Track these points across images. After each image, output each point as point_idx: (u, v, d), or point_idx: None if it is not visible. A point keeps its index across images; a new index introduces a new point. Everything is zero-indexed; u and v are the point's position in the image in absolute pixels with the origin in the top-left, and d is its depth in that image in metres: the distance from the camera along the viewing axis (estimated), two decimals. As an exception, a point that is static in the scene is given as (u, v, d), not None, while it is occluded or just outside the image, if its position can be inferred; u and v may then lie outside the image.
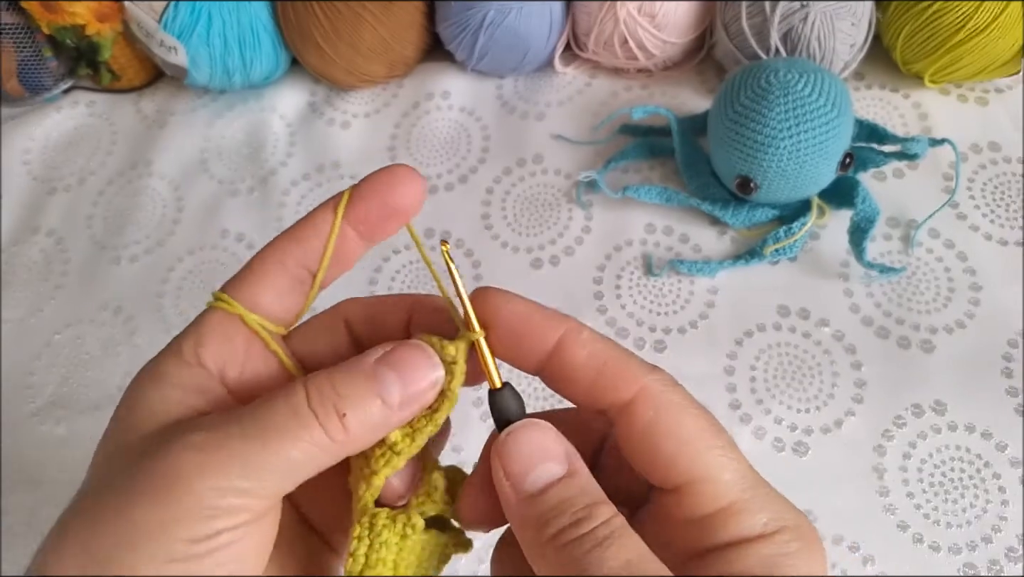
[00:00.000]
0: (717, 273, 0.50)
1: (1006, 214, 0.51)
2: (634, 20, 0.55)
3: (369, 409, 0.19)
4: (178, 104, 0.64)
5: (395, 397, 0.20)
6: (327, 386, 0.19)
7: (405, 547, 0.21)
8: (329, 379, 0.20)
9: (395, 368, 0.20)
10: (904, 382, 0.46)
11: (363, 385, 0.20)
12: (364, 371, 0.20)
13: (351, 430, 0.19)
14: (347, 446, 0.20)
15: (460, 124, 0.60)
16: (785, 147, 0.46)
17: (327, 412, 0.19)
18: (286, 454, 0.19)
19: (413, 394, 0.20)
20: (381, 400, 0.20)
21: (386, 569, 0.20)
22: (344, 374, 0.20)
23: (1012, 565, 0.41)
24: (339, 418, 0.19)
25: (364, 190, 0.22)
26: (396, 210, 0.22)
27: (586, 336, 0.21)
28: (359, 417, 0.19)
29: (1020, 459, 0.43)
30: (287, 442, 0.19)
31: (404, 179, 0.22)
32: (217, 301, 0.21)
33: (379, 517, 0.21)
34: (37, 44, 0.61)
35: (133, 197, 0.59)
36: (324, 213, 0.22)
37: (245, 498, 0.18)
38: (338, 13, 0.56)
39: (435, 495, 0.22)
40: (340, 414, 0.19)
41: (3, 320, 0.54)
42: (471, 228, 0.54)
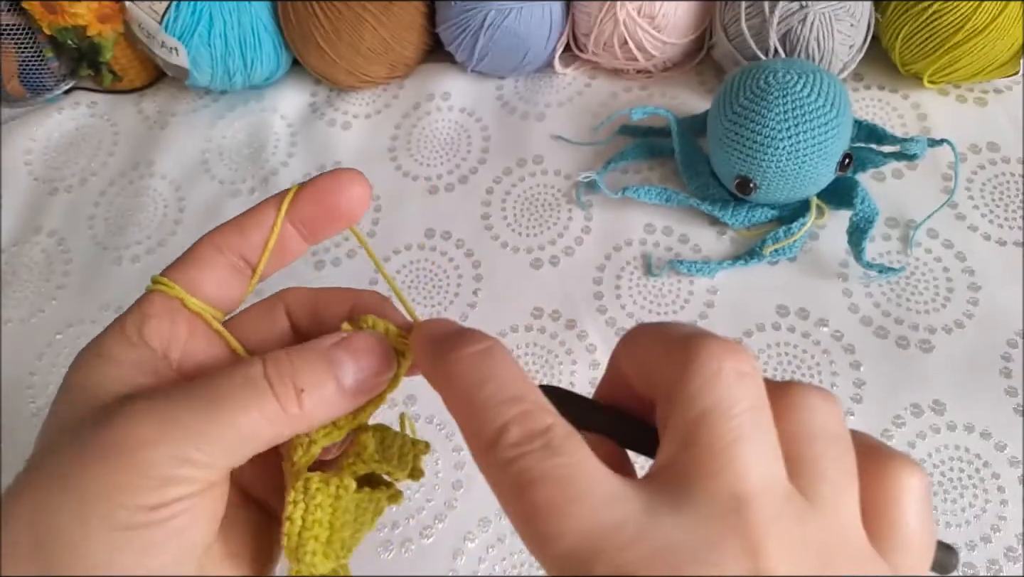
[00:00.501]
0: (716, 273, 0.50)
1: (1005, 214, 0.51)
2: (634, 21, 0.55)
3: (325, 389, 0.20)
4: (179, 105, 0.64)
5: (349, 381, 0.20)
6: (285, 361, 0.20)
7: (339, 507, 0.21)
8: (287, 355, 0.20)
9: (351, 354, 0.20)
10: (903, 382, 0.46)
11: (320, 365, 0.20)
12: (321, 352, 0.20)
13: (306, 406, 0.19)
14: (300, 422, 0.20)
15: (460, 125, 0.60)
16: (784, 147, 0.46)
17: (284, 385, 0.19)
18: (239, 424, 0.19)
19: (367, 381, 0.21)
20: (336, 382, 0.20)
21: (322, 529, 0.21)
22: (301, 352, 0.20)
23: (1011, 565, 0.41)
24: (296, 392, 0.19)
25: (308, 192, 0.22)
26: (339, 214, 0.22)
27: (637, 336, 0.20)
28: (315, 395, 0.20)
29: (1019, 459, 0.43)
30: (240, 412, 0.19)
31: (349, 183, 0.22)
32: (157, 284, 0.22)
33: (312, 481, 0.21)
34: (38, 45, 0.61)
35: (134, 197, 0.59)
36: (268, 208, 0.22)
37: (197, 468, 0.18)
38: (339, 14, 0.56)
39: (364, 454, 0.22)
40: (298, 389, 0.19)
41: (4, 320, 0.54)
42: (471, 228, 0.55)
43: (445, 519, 0.44)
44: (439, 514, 0.44)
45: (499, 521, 0.44)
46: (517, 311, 0.50)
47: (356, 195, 0.22)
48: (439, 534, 0.43)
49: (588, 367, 0.48)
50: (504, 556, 0.43)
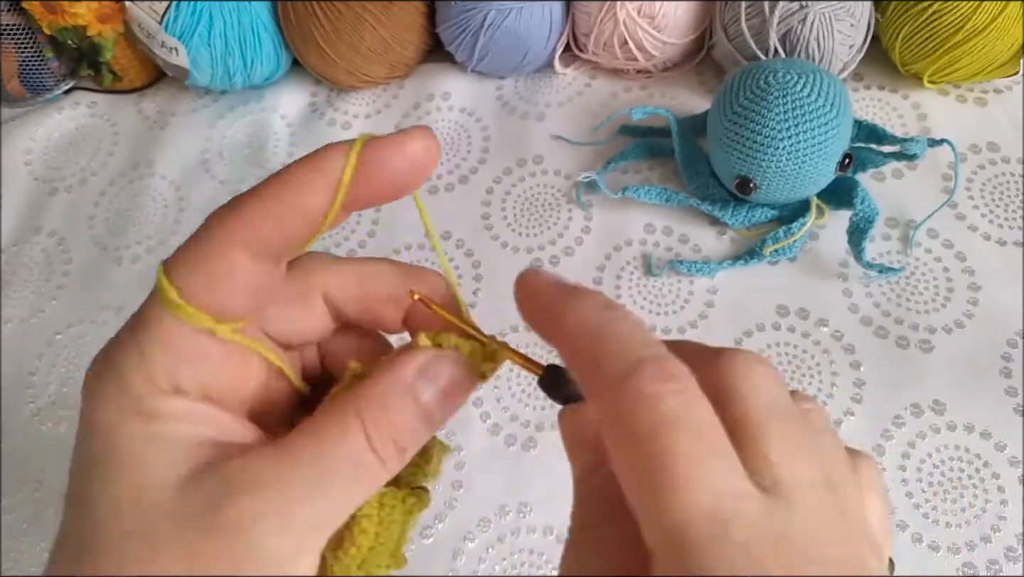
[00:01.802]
0: (716, 273, 0.50)
1: (1005, 214, 0.51)
2: (634, 21, 0.55)
3: (420, 434, 0.20)
4: (179, 105, 0.64)
5: (439, 415, 0.20)
6: (383, 421, 0.19)
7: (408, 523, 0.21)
8: (384, 411, 0.19)
9: (438, 388, 0.20)
10: (903, 382, 0.46)
11: (413, 411, 0.19)
12: (409, 393, 0.19)
13: (407, 459, 0.19)
14: (396, 465, 0.20)
15: (460, 125, 0.60)
16: (784, 147, 0.46)
17: (388, 450, 0.19)
18: (351, 499, 0.19)
19: (451, 408, 0.20)
20: (428, 420, 0.20)
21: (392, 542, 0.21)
22: (394, 401, 0.19)
23: (1011, 565, 0.41)
24: (398, 453, 0.19)
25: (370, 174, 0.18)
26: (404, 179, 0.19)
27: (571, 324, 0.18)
28: (414, 445, 0.20)
29: (1019, 459, 0.43)
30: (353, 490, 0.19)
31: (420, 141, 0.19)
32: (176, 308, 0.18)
33: (387, 495, 0.21)
34: (38, 45, 0.61)
35: (135, 197, 0.59)
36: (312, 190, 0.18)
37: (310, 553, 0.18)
38: (339, 14, 0.56)
39: (427, 467, 0.22)
40: (400, 449, 0.19)
41: (4, 320, 0.54)
42: (471, 228, 0.55)
43: (445, 519, 0.44)
44: (439, 514, 0.44)
45: (499, 521, 0.44)
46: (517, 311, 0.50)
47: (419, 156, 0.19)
48: (439, 534, 0.43)
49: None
50: (504, 556, 0.43)
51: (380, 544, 0.20)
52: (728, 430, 0.16)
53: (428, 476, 0.22)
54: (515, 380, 0.48)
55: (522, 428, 0.46)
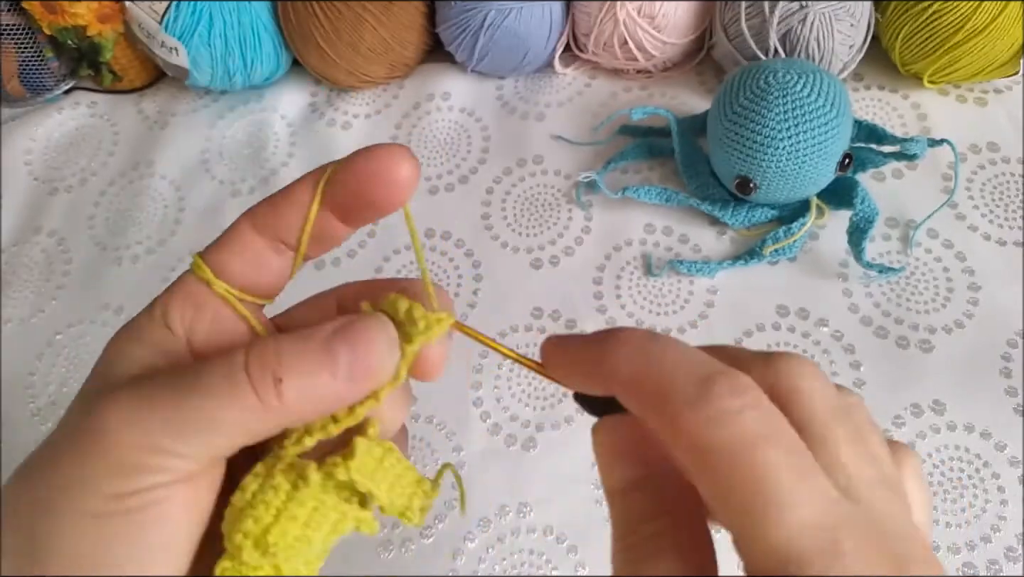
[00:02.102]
0: (716, 273, 0.50)
1: (1005, 214, 0.51)
2: (634, 21, 0.55)
3: (313, 381, 0.18)
4: (179, 105, 0.64)
5: (342, 372, 0.18)
6: (270, 351, 0.18)
7: (294, 498, 0.19)
8: (275, 345, 0.18)
9: (349, 342, 0.19)
10: (903, 382, 0.46)
11: (311, 355, 0.18)
12: (316, 340, 0.19)
13: (286, 398, 0.18)
14: (282, 415, 0.18)
15: (460, 125, 0.60)
16: (784, 147, 0.46)
17: (263, 377, 0.18)
18: (217, 416, 0.18)
19: (362, 371, 0.19)
20: (328, 373, 0.18)
21: (267, 514, 0.19)
22: (293, 341, 0.19)
23: (1011, 565, 0.41)
24: (274, 384, 0.18)
25: (346, 172, 0.20)
26: (379, 199, 0.20)
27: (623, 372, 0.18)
28: (298, 386, 0.18)
29: (1019, 459, 0.43)
30: (215, 403, 0.18)
31: (391, 162, 0.20)
32: (193, 265, 0.21)
33: (282, 460, 0.19)
34: (38, 45, 0.61)
35: (134, 197, 0.59)
36: (303, 187, 0.20)
37: (171, 457, 0.17)
38: (339, 14, 0.56)
39: (350, 462, 0.20)
40: (276, 380, 0.18)
41: (4, 320, 0.54)
42: (471, 228, 0.55)
43: (445, 519, 0.44)
44: (439, 514, 0.44)
45: (499, 521, 0.44)
46: (517, 311, 0.50)
47: (401, 177, 0.20)
48: (439, 534, 0.43)
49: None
50: (504, 556, 0.43)
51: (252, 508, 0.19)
52: None
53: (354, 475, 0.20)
54: (515, 380, 0.48)
55: (522, 428, 0.46)
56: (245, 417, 0.18)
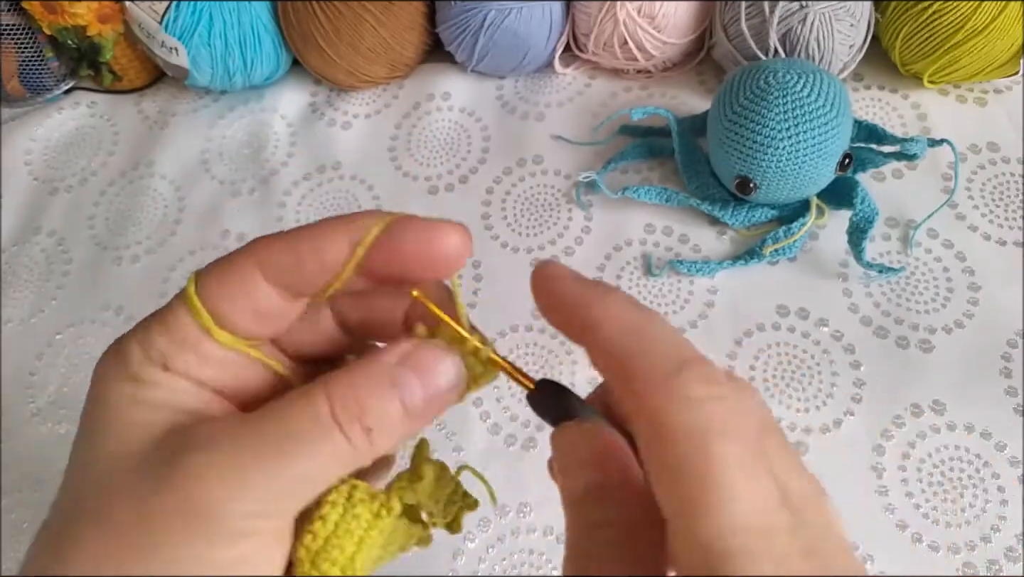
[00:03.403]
0: (716, 273, 0.50)
1: (1005, 214, 0.51)
2: (634, 21, 0.55)
3: (392, 419, 0.18)
4: (179, 105, 0.64)
5: (417, 403, 0.19)
6: (350, 396, 0.18)
7: (376, 526, 0.19)
8: (351, 387, 0.18)
9: (418, 374, 0.19)
10: (903, 382, 0.46)
11: (386, 393, 0.18)
12: (385, 376, 0.19)
13: (377, 444, 0.18)
14: (369, 456, 0.19)
15: (460, 125, 0.60)
16: (784, 148, 0.46)
17: (352, 425, 0.18)
18: (310, 471, 0.18)
19: (434, 400, 0.19)
20: (402, 407, 0.19)
21: (351, 542, 0.19)
22: (365, 380, 0.18)
23: (1011, 565, 0.41)
24: (364, 432, 0.18)
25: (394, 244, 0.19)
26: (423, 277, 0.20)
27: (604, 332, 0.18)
28: (384, 429, 0.18)
29: (1019, 459, 0.43)
30: (311, 459, 0.18)
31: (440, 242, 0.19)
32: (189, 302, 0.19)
33: (358, 489, 0.19)
34: (38, 45, 0.61)
35: (134, 197, 0.59)
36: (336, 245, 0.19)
37: (269, 519, 0.18)
38: (339, 14, 0.56)
39: (419, 485, 0.21)
40: (366, 428, 0.18)
41: (4, 320, 0.54)
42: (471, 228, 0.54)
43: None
44: (439, 514, 0.44)
45: (499, 521, 0.44)
46: (517, 311, 0.50)
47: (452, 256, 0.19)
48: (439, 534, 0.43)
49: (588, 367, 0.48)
50: (504, 556, 0.43)
51: (337, 538, 0.19)
52: None
53: (420, 496, 0.21)
54: (515, 380, 0.48)
55: (522, 428, 0.46)
56: (337, 467, 0.18)
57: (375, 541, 0.20)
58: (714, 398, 0.16)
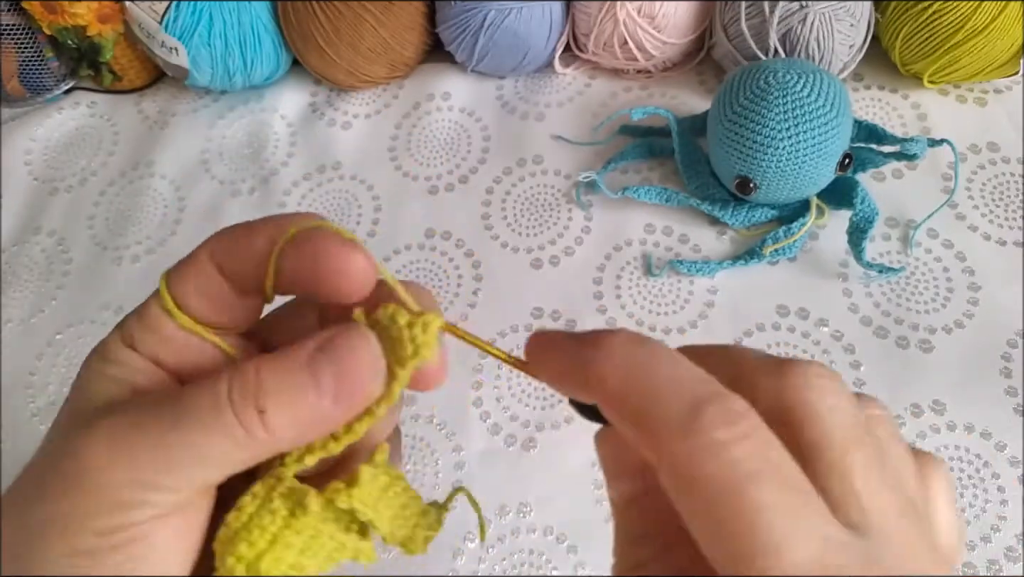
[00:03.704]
0: (716, 273, 0.50)
1: (1005, 214, 0.51)
2: (634, 21, 0.55)
3: (298, 406, 0.17)
4: (179, 105, 0.64)
5: (328, 394, 0.18)
6: (251, 377, 0.17)
7: (292, 525, 0.18)
8: (255, 369, 0.18)
9: (333, 361, 0.18)
10: (903, 382, 0.46)
11: (293, 378, 0.17)
12: (298, 361, 0.18)
13: (273, 427, 0.17)
14: (271, 445, 0.18)
15: (460, 125, 0.60)
16: (784, 148, 0.46)
17: (245, 408, 0.17)
18: (203, 448, 0.17)
19: (352, 391, 0.18)
20: (314, 396, 0.17)
21: (261, 538, 0.18)
22: (273, 364, 0.18)
23: (1011, 565, 0.41)
24: (259, 415, 0.17)
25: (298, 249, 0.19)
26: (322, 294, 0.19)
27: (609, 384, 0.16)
28: (284, 414, 0.17)
29: (1019, 459, 0.43)
30: (201, 436, 0.17)
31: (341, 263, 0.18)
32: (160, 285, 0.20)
33: (282, 483, 0.18)
34: (38, 45, 0.61)
35: (134, 197, 0.59)
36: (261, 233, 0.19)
37: (158, 491, 0.17)
38: (339, 14, 0.56)
39: (353, 490, 0.19)
40: (260, 410, 0.17)
41: (4, 320, 0.54)
42: (471, 228, 0.55)
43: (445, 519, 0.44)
44: (439, 514, 0.44)
45: (499, 521, 0.44)
46: (517, 311, 0.50)
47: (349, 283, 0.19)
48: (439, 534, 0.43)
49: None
50: (504, 556, 0.43)
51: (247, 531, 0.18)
52: (801, 456, 0.15)
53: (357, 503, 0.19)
54: (515, 380, 0.48)
55: (522, 428, 0.46)
56: (232, 448, 0.17)
57: (290, 542, 0.18)
58: (738, 439, 0.14)
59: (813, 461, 0.15)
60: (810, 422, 0.16)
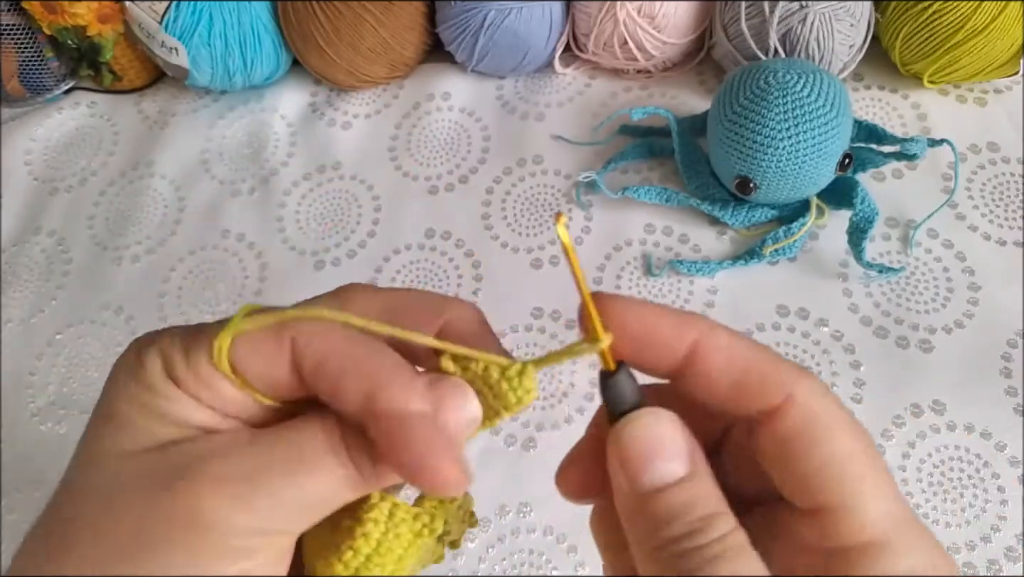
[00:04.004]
0: (716, 273, 0.50)
1: (1005, 214, 0.51)
2: (634, 21, 0.55)
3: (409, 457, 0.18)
4: (179, 105, 0.64)
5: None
6: None
7: (415, 545, 0.20)
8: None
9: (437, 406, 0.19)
10: (903, 382, 0.46)
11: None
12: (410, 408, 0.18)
13: (383, 471, 0.18)
14: (376, 485, 0.19)
15: (460, 125, 0.60)
16: (784, 148, 0.46)
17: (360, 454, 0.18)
18: (318, 491, 0.18)
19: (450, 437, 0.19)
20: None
21: (390, 561, 0.19)
22: None
23: (1011, 565, 0.41)
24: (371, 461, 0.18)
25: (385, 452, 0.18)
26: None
27: (723, 339, 0.18)
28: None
29: (1019, 459, 0.43)
30: (317, 477, 0.18)
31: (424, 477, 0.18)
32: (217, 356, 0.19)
33: (400, 508, 0.19)
34: (38, 45, 0.61)
35: (134, 197, 0.59)
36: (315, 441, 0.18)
37: (274, 537, 0.18)
38: (339, 14, 0.56)
39: (449, 505, 0.21)
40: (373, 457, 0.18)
41: (4, 320, 0.54)
42: (471, 228, 0.55)
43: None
44: (439, 514, 0.44)
45: (499, 521, 0.44)
46: (517, 311, 0.50)
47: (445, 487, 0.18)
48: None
49: (588, 367, 0.48)
50: (504, 556, 0.43)
51: (379, 556, 0.19)
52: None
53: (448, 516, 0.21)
54: (515, 380, 0.48)
55: (522, 428, 0.46)
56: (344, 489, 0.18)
57: (412, 559, 0.20)
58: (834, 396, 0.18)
59: None
60: None
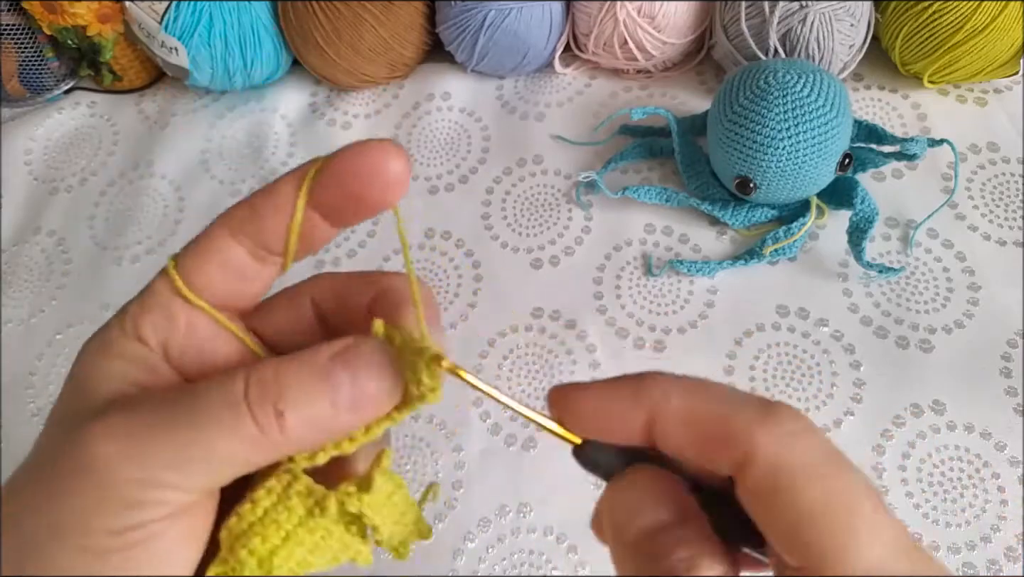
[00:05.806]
0: (716, 273, 0.50)
1: (1005, 214, 0.51)
2: (634, 21, 0.55)
3: (314, 410, 0.17)
4: (179, 105, 0.64)
5: (344, 401, 0.18)
6: (270, 379, 0.17)
7: (306, 525, 0.18)
8: (275, 371, 0.18)
9: (350, 368, 0.18)
10: (903, 382, 0.46)
11: (312, 383, 0.18)
12: (315, 368, 0.18)
13: (289, 430, 0.17)
14: (284, 446, 0.18)
15: (460, 125, 0.60)
16: (784, 148, 0.46)
17: (264, 408, 0.17)
18: (214, 448, 0.17)
19: (362, 402, 0.18)
20: (330, 402, 0.18)
21: (276, 535, 0.18)
22: (293, 367, 0.18)
23: (1011, 565, 0.41)
24: (276, 417, 0.17)
25: (332, 171, 0.19)
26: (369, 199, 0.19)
27: (677, 402, 0.18)
28: (301, 417, 0.17)
29: (1019, 459, 0.43)
30: (216, 435, 0.17)
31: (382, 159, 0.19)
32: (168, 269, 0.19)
33: (299, 481, 0.18)
34: (38, 45, 0.61)
35: (134, 197, 0.59)
36: (285, 188, 0.19)
37: (168, 491, 0.17)
38: (339, 14, 0.56)
39: (366, 497, 0.19)
40: (278, 412, 0.17)
41: (4, 320, 0.54)
42: (471, 228, 0.55)
43: (445, 519, 0.44)
44: (439, 514, 0.44)
45: (499, 521, 0.44)
46: (517, 311, 0.50)
47: (392, 175, 0.19)
48: (439, 534, 0.43)
49: (588, 367, 0.48)
50: (504, 556, 0.43)
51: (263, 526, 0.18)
52: None
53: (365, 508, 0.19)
54: (514, 380, 0.48)
55: (522, 428, 0.46)
56: (246, 448, 0.17)
57: (302, 541, 0.19)
58: (811, 430, 0.17)
59: None
60: None
